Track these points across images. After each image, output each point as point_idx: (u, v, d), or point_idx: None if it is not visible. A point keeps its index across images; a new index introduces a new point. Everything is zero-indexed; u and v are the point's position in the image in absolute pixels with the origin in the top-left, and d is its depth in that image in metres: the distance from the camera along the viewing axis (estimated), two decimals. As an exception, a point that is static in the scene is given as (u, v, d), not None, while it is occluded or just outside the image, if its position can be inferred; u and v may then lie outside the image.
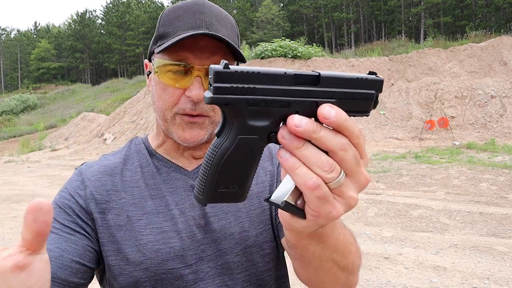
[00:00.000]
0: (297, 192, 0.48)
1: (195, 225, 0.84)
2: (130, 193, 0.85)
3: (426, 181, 7.86)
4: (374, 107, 0.49)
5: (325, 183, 0.44)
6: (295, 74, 0.44)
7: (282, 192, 0.48)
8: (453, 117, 13.55)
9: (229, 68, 0.42)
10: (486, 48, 15.66)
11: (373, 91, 0.48)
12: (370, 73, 0.49)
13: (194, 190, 0.50)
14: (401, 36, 31.90)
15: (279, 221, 0.85)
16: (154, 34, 0.85)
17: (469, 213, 5.72)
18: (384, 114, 14.44)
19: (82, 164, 0.92)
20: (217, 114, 0.85)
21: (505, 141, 11.90)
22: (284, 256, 0.94)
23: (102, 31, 63.98)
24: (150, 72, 0.88)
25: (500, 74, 14.46)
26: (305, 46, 17.97)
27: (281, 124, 0.46)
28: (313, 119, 0.45)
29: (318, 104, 0.45)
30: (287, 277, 0.96)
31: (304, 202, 0.47)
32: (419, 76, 15.57)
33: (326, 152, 0.44)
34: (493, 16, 37.86)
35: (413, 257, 4.34)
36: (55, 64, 61.97)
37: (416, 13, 41.52)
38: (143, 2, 62.18)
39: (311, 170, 0.43)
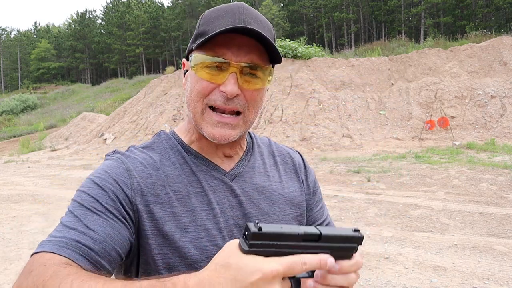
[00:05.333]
0: None
1: (234, 225, 0.87)
2: (174, 189, 0.85)
3: (426, 181, 7.86)
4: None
5: None
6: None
7: None
8: (453, 117, 13.55)
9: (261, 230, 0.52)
10: (486, 48, 15.66)
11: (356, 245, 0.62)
12: (355, 230, 0.62)
13: None
14: (401, 36, 31.91)
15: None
16: (194, 33, 0.88)
17: (469, 213, 5.72)
18: (384, 114, 14.43)
19: (114, 152, 0.90)
20: (251, 112, 0.86)
21: (505, 141, 11.90)
22: None
23: (102, 31, 63.89)
24: (187, 71, 0.90)
25: (500, 74, 14.46)
26: (305, 46, 18.00)
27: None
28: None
29: None
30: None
31: None
32: (419, 76, 15.57)
33: None
34: (493, 16, 37.85)
35: (413, 257, 4.34)
36: (55, 64, 61.89)
37: (416, 13, 41.51)
38: (143, 2, 62.14)
39: None
